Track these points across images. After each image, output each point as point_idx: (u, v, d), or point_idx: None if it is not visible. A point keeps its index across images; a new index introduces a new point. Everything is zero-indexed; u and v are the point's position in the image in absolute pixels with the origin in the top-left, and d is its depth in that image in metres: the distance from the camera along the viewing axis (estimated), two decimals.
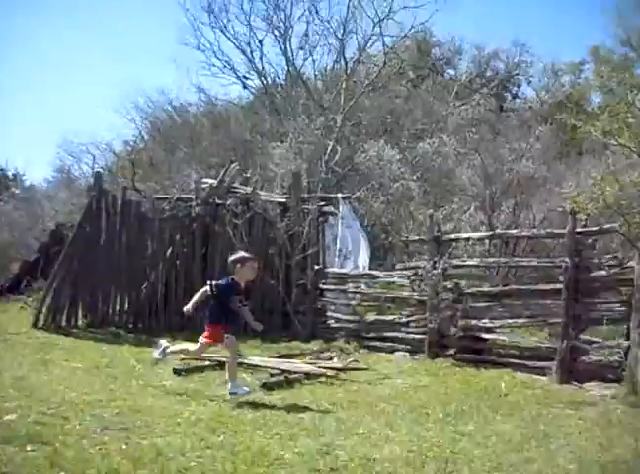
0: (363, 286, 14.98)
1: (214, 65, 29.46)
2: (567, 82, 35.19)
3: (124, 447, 6.68)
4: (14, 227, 22.88)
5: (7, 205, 25.81)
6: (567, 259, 11.34)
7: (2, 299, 18.54)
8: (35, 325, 14.55)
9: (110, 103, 61.02)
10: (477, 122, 19.93)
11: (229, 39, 28.82)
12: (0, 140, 56.05)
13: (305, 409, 8.88)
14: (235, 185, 16.81)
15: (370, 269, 15.89)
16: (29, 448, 6.39)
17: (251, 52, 28.67)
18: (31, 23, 55.12)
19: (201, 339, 9.62)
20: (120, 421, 7.71)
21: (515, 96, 37.18)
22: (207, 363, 11.48)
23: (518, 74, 36.33)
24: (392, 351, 13.62)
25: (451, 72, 36.68)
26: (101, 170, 23.70)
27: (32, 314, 15.06)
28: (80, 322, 15.13)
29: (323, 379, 10.87)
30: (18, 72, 55.65)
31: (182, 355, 10.98)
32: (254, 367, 11.37)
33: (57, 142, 38.05)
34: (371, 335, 14.20)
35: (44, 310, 14.79)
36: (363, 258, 15.95)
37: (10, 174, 36.02)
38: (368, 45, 26.05)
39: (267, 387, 10.08)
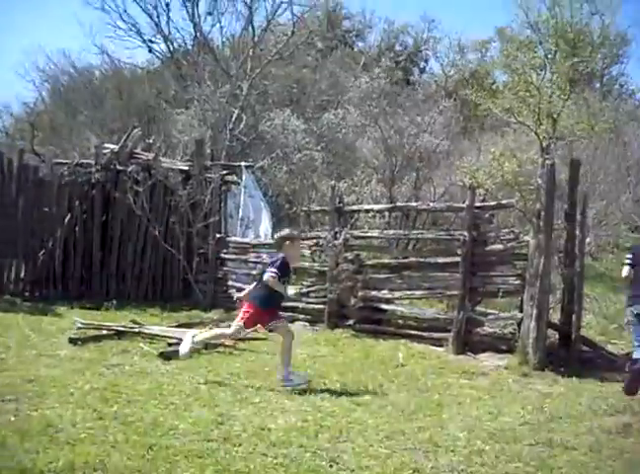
0: (265, 256, 14.93)
1: (120, 27, 28.68)
2: (474, 59, 35.78)
3: (13, 419, 6.52)
4: None
5: None
6: (465, 232, 11.55)
7: None
8: None
9: (7, 62, 58.75)
10: (381, 95, 20.00)
11: (135, 1, 28.08)
12: None
13: (202, 379, 8.82)
14: (137, 151, 16.46)
15: (272, 238, 15.81)
16: None
17: (157, 16, 28.06)
18: None
19: (239, 322, 9.05)
20: (10, 391, 7.50)
21: (422, 70, 37.59)
22: (105, 332, 11.28)
23: (426, 49, 36.72)
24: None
25: (361, 45, 36.85)
26: None
27: None
28: None
29: (221, 349, 10.81)
30: None
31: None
32: (153, 336, 11.22)
33: None
34: None
35: None
36: (265, 227, 15.88)
37: None
38: (277, 14, 25.80)
39: (164, 357, 9.95)
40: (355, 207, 14.68)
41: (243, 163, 16.65)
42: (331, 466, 5.94)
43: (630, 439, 7.07)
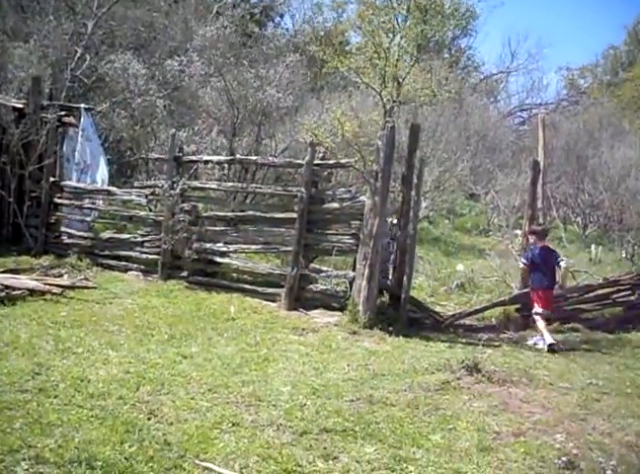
0: (100, 202, 14.49)
1: None
2: (329, 19, 35.88)
3: None
4: None
5: None
6: (303, 189, 11.56)
7: None
8: None
9: None
10: (227, 45, 19.64)
11: None
12: None
13: (23, 327, 8.51)
14: None
15: (112, 186, 15.34)
16: None
17: None
18: None
19: (539, 310, 10.85)
20: None
21: (277, 25, 37.34)
22: None
23: (281, 4, 36.45)
24: (126, 270, 13.35)
25: None
26: None
27: None
28: None
29: (48, 297, 10.45)
30: None
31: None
32: None
33: None
34: (106, 253, 13.80)
35: None
36: (102, 173, 15.33)
37: None
38: None
39: None
40: (194, 158, 14.43)
41: (83, 105, 15.95)
42: (149, 419, 5.88)
43: (446, 396, 7.34)
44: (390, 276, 11.58)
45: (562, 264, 11.03)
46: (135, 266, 13.39)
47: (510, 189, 22.87)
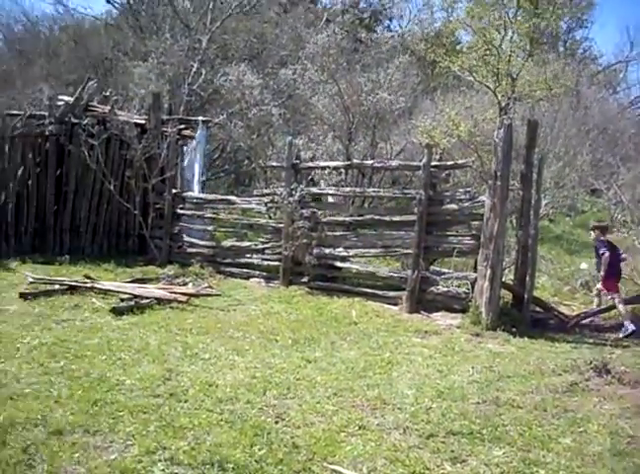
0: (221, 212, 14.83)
1: None
2: (439, 19, 35.49)
3: None
4: None
5: None
6: (421, 191, 11.52)
7: None
8: None
9: None
10: (340, 51, 19.77)
11: None
12: None
13: (153, 334, 8.79)
14: (93, 104, 16.13)
15: (231, 195, 15.69)
16: None
17: None
18: None
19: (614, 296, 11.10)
20: None
21: (387, 29, 37.26)
22: (57, 287, 11.13)
23: (390, 7, 36.34)
24: (248, 277, 13.61)
25: (324, 1, 36.38)
26: None
27: None
28: None
29: (175, 305, 10.74)
30: None
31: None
32: (105, 292, 11.11)
33: None
34: (227, 261, 14.12)
35: None
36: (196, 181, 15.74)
37: None
38: None
39: (116, 312, 9.89)
40: (311, 164, 14.55)
41: (200, 118, 16.41)
42: (277, 422, 5.96)
43: (575, 399, 7.16)
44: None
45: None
46: (257, 273, 13.64)
47: (634, 182, 22.05)
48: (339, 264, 12.71)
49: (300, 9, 28.67)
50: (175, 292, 11.25)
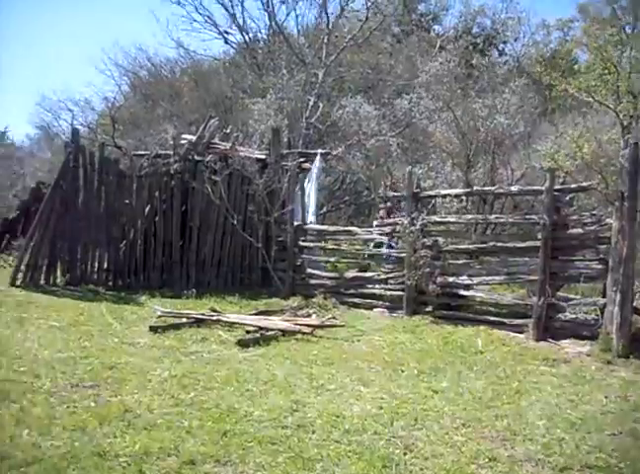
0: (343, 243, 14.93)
1: (195, 20, 28.98)
2: (555, 39, 34.85)
3: (93, 405, 6.68)
4: None
5: None
6: (545, 216, 11.29)
7: None
8: (13, 283, 14.40)
9: (88, 59, 60.52)
10: (453, 78, 19.69)
11: None
12: None
13: (279, 366, 8.88)
14: (214, 141, 16.60)
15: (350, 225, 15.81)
16: None
17: (232, 7, 28.21)
18: None
19: None
20: (91, 378, 7.71)
21: (501, 53, 36.87)
22: (185, 320, 11.43)
23: (504, 30, 35.97)
24: (371, 307, 13.63)
25: (437, 28, 36.35)
26: (79, 127, 23.47)
27: (11, 272, 14.91)
28: (59, 280, 14.97)
29: (299, 336, 10.83)
30: None
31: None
32: (231, 324, 11.32)
33: (36, 100, 37.79)
34: (350, 291, 14.18)
35: (23, 268, 14.64)
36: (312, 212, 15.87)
37: None
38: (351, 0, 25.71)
39: (242, 344, 10.06)
40: (431, 193, 14.47)
41: (319, 150, 16.64)
42: (405, 454, 5.92)
43: None
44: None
45: None
46: (380, 303, 13.63)
47: None
48: (463, 292, 12.57)
49: (414, 38, 28.78)
50: (299, 324, 11.36)
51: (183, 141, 16.57)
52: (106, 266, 15.45)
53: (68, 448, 5.52)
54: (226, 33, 29.18)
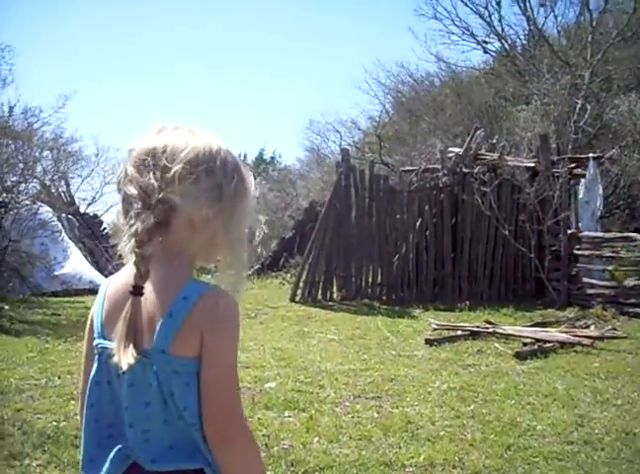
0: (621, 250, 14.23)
1: (453, 33, 29.10)
2: None
3: (376, 415, 6.87)
4: (270, 207, 24.03)
5: (263, 188, 27.18)
6: None
7: (263, 275, 19.61)
8: (292, 299, 15.24)
9: (352, 80, 62.71)
10: None
11: (466, 4, 28.13)
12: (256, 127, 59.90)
13: (559, 379, 8.63)
14: (481, 152, 16.54)
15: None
16: (286, 414, 6.81)
17: (489, 15, 27.96)
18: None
19: None
20: (372, 390, 7.93)
21: None
22: (459, 333, 11.46)
23: None
24: None
25: None
26: (348, 147, 24.31)
27: (290, 289, 15.79)
28: (335, 295, 15.60)
29: (578, 348, 10.46)
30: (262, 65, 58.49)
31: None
32: (507, 336, 11.18)
33: (304, 124, 39.79)
34: (631, 301, 13.47)
35: (301, 285, 15.42)
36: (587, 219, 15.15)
37: (267, 157, 38.20)
38: None
39: (519, 356, 9.88)
40: None
41: (591, 154, 16.02)
42: None
43: None
44: None
45: None
46: None
47: None
48: None
49: None
50: (578, 335, 10.99)
51: (450, 155, 16.67)
52: (379, 280, 15.87)
53: (356, 456, 5.71)
54: (485, 42, 29.04)
